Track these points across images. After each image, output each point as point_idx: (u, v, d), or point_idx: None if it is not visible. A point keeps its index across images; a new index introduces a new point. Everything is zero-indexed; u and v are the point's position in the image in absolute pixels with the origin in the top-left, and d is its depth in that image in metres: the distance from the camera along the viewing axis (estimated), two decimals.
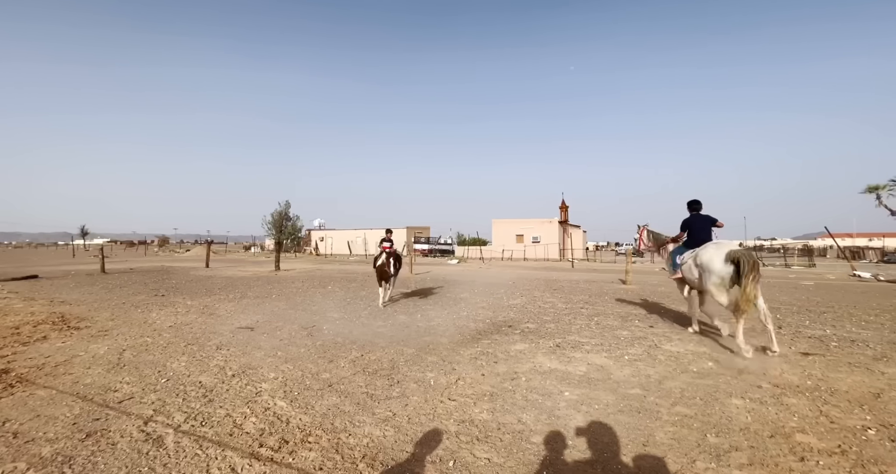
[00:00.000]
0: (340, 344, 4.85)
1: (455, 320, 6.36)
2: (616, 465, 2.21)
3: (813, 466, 2.18)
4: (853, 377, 3.56)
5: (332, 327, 5.80)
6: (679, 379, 3.56)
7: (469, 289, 10.90)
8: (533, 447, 2.40)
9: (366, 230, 47.29)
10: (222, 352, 4.48)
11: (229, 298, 8.69)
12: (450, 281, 13.43)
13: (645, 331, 5.50)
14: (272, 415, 2.84)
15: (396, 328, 5.77)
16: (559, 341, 4.98)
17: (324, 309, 7.42)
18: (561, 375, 3.71)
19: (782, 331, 5.44)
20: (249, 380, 3.55)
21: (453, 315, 6.84)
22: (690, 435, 2.54)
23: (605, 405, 3.02)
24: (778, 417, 2.78)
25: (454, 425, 2.69)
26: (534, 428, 2.65)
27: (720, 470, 2.14)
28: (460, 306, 7.77)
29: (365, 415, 2.84)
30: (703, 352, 4.45)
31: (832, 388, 3.29)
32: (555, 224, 37.69)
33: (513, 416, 2.82)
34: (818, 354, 4.28)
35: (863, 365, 3.88)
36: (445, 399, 3.13)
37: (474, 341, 5.01)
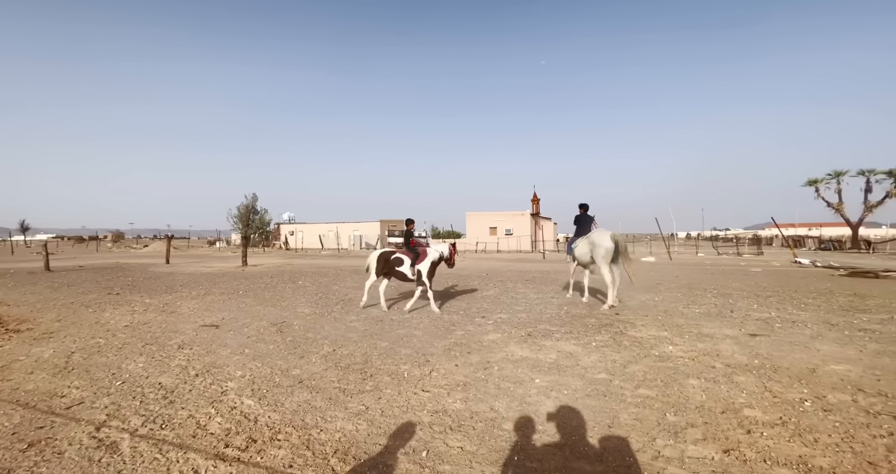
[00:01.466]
0: (312, 339, 4.74)
1: (429, 312, 6.37)
2: (583, 447, 2.30)
3: (758, 437, 2.36)
4: (793, 355, 3.88)
5: (303, 323, 5.66)
6: (642, 363, 3.74)
7: (443, 282, 10.94)
8: (505, 433, 2.46)
9: (338, 223, 46.30)
10: (184, 351, 4.27)
11: (192, 295, 8.28)
12: None
13: (611, 318, 5.74)
14: (239, 414, 2.74)
15: (370, 322, 5.71)
16: (531, 330, 5.10)
17: (294, 304, 7.22)
18: (532, 363, 3.81)
19: (734, 314, 5.84)
20: (214, 379, 3.41)
21: (427, 307, 6.84)
22: (651, 415, 2.68)
23: (574, 390, 3.13)
24: (729, 394, 2.98)
25: (427, 416, 2.70)
26: (506, 415, 2.71)
27: (677, 447, 2.27)
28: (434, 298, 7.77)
29: (337, 410, 2.80)
30: (664, 336, 4.69)
31: (776, 366, 3.57)
32: (527, 217, 38.41)
33: (485, 405, 2.87)
34: (764, 335, 4.63)
35: (801, 344, 4.23)
36: (419, 390, 3.14)
37: (448, 332, 5.04)
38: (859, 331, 4.73)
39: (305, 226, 48.93)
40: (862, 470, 2.00)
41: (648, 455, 2.20)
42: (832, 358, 3.75)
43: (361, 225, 46.04)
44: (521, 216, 38.72)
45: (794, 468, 2.04)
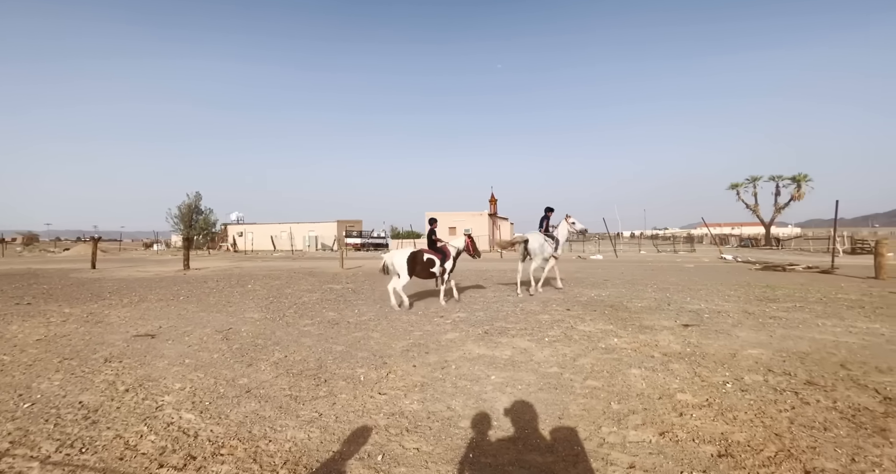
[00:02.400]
0: (261, 346, 4.50)
1: (387, 314, 6.29)
2: (535, 439, 2.39)
3: (688, 419, 2.59)
4: (718, 342, 4.31)
5: (252, 329, 5.35)
6: (590, 356, 3.96)
7: None
8: (461, 431, 2.49)
9: (292, 224, 44.30)
10: (112, 365, 3.86)
11: (124, 303, 7.51)
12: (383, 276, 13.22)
13: (563, 314, 6.02)
14: (176, 430, 2.53)
15: (324, 326, 5.52)
16: (487, 328, 5.22)
17: (242, 309, 6.81)
18: (489, 360, 3.89)
19: (670, 307, 6.37)
20: (148, 394, 3.12)
21: (385, 308, 6.76)
22: (598, 404, 2.85)
23: (528, 385, 3.25)
24: (665, 381, 3.25)
25: (384, 419, 2.67)
26: (462, 413, 2.75)
27: (620, 433, 2.44)
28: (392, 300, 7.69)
29: (288, 419, 2.68)
30: (610, 329, 5.01)
31: (704, 353, 3.94)
32: (485, 216, 39.21)
33: (442, 404, 2.89)
34: (695, 325, 5.10)
35: (725, 332, 4.71)
36: (375, 393, 3.09)
37: (406, 333, 5.01)
38: (770, 319, 5.36)
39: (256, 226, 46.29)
40: (770, 441, 2.27)
41: (595, 442, 2.34)
42: (749, 344, 4.21)
43: (317, 225, 44.42)
44: (479, 216, 39.44)
45: (717, 444, 2.27)
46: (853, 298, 6.89)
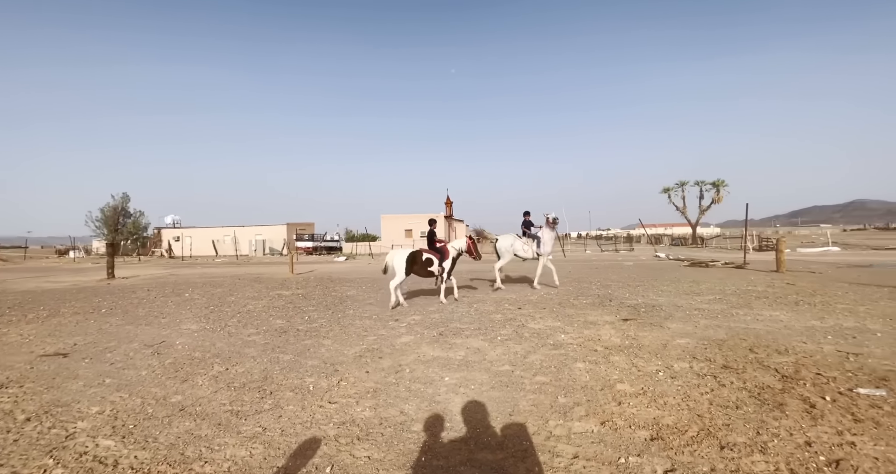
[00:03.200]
0: (199, 359, 4.15)
1: (339, 319, 6.10)
2: (487, 438, 2.44)
3: (626, 407, 2.79)
4: (652, 334, 4.70)
5: (189, 341, 4.93)
6: (540, 352, 4.13)
7: (357, 286, 10.59)
8: (413, 435, 2.48)
9: (236, 227, 41.52)
10: (9, 391, 3.35)
11: (28, 318, 6.57)
12: (336, 279, 12.81)
13: (514, 312, 6.22)
14: (91, 460, 2.25)
15: (271, 334, 5.23)
16: (442, 329, 5.25)
17: (178, 320, 6.24)
18: (443, 362, 3.92)
19: (612, 303, 6.83)
20: (56, 422, 2.75)
21: (338, 314, 6.55)
22: (546, 399, 2.98)
23: (480, 384, 3.31)
24: (606, 373, 3.48)
25: (334, 428, 2.58)
26: (415, 417, 2.73)
27: (566, 425, 2.57)
28: (346, 305, 7.48)
29: (228, 437, 2.49)
30: (558, 326, 5.26)
31: (640, 344, 4.28)
32: (440, 218, 39.47)
33: (395, 409, 2.86)
34: (633, 319, 5.52)
35: (658, 324, 5.15)
36: (325, 403, 2.98)
37: (359, 339, 4.89)
38: (695, 311, 5.95)
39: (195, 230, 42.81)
40: (693, 422, 2.52)
41: (542, 436, 2.44)
42: (678, 334, 4.64)
43: (265, 228, 41.99)
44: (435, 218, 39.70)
45: (650, 429, 2.47)
46: (760, 290, 7.86)
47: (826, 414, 2.54)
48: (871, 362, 3.48)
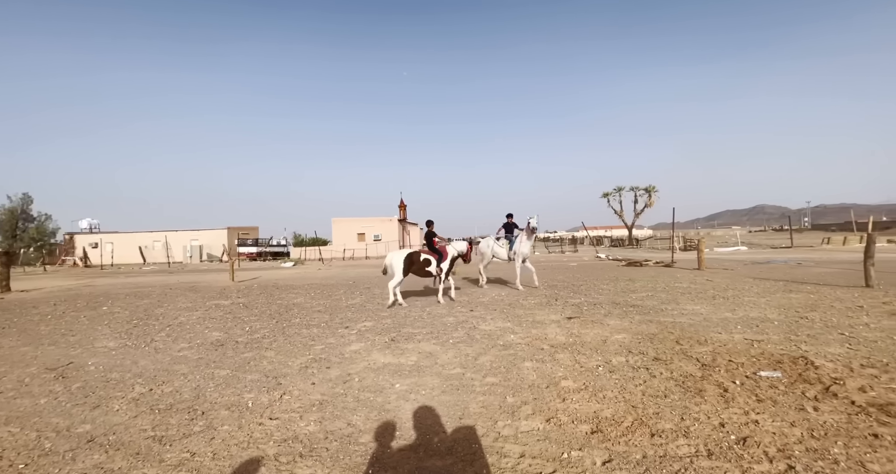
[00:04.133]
0: (117, 381, 3.70)
1: (285, 328, 5.78)
2: (437, 443, 2.43)
3: (570, 403, 2.93)
4: (594, 331, 5.00)
5: (105, 360, 4.38)
6: (490, 354, 4.21)
7: (304, 292, 10.11)
8: (361, 448, 2.40)
9: (168, 232, 37.90)
10: None
11: None
12: (282, 286, 12.14)
13: (466, 315, 6.30)
14: None
15: (206, 348, 4.81)
16: (394, 335, 5.17)
17: (91, 338, 5.52)
18: (394, 368, 3.85)
19: (557, 302, 7.17)
20: None
21: (283, 323, 6.20)
22: (495, 400, 3.04)
23: (431, 389, 3.30)
24: (552, 371, 3.63)
25: (274, 447, 2.42)
26: (363, 427, 2.65)
27: (513, 425, 2.63)
28: (292, 313, 7.11)
29: (147, 467, 2.23)
30: (508, 326, 5.41)
31: (583, 341, 4.53)
32: (394, 222, 39.05)
33: (342, 421, 2.75)
34: (577, 317, 5.83)
35: (598, 322, 5.50)
36: (266, 419, 2.79)
37: (306, 349, 4.66)
38: (631, 307, 6.44)
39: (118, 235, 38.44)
40: (628, 413, 2.71)
41: (491, 438, 2.48)
42: (616, 330, 4.98)
43: (203, 233, 38.79)
44: (388, 221, 39.10)
45: (591, 422, 2.61)
46: (684, 286, 8.71)
47: (736, 397, 2.86)
48: (769, 348, 3.99)
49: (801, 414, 2.56)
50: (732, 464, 2.06)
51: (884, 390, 2.87)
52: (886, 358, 3.55)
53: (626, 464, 2.11)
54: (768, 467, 2.02)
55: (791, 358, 3.66)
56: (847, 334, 4.38)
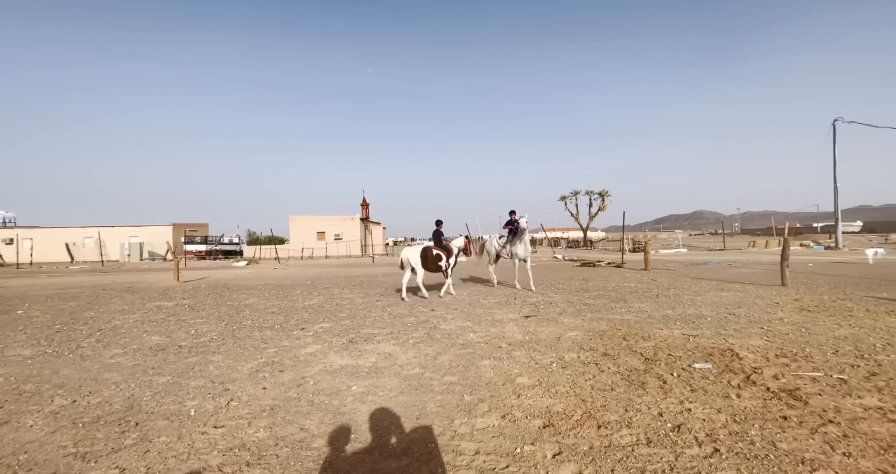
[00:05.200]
0: (32, 393, 3.31)
1: (235, 331, 5.46)
2: (392, 445, 2.41)
3: (524, 399, 3.03)
4: (549, 328, 5.21)
5: (17, 371, 3.90)
6: (449, 353, 4.25)
7: (258, 293, 9.62)
8: (313, 453, 2.32)
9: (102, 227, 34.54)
10: None
11: None
12: (234, 286, 11.47)
13: (427, 315, 6.31)
14: None
15: (144, 354, 4.43)
16: (353, 336, 5.06)
17: (0, 346, 4.89)
18: (351, 370, 3.77)
19: (516, 301, 7.38)
20: None
21: (233, 325, 5.86)
22: (453, 399, 3.07)
23: (389, 390, 3.27)
24: (508, 368, 3.73)
25: (218, 457, 2.28)
26: (317, 432, 2.57)
27: (470, 422, 2.67)
28: (244, 315, 6.74)
29: None
30: (468, 325, 5.49)
31: (538, 339, 4.70)
32: (356, 221, 38.19)
33: (294, 426, 2.65)
34: (533, 315, 6.04)
35: (553, 319, 5.73)
36: (210, 428, 2.62)
37: (258, 352, 4.44)
38: (584, 306, 6.77)
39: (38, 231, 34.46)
40: (578, 407, 2.85)
41: (447, 436, 2.50)
42: (569, 328, 5.22)
43: (144, 229, 35.74)
44: (350, 220, 38.17)
45: (543, 417, 2.71)
46: (632, 286, 9.30)
47: (673, 388, 3.11)
48: (703, 342, 4.37)
49: (727, 402, 2.83)
50: (667, 450, 2.23)
51: (793, 377, 3.25)
52: (796, 348, 4.02)
53: (575, 456, 2.22)
54: (697, 451, 2.21)
55: (720, 350, 4.03)
56: (765, 328, 4.89)
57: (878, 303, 6.36)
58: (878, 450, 2.16)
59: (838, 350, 3.94)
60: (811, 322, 5.14)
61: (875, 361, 3.57)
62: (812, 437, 2.30)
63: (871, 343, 4.14)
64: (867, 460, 2.07)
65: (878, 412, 2.60)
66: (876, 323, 5.01)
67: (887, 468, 2.00)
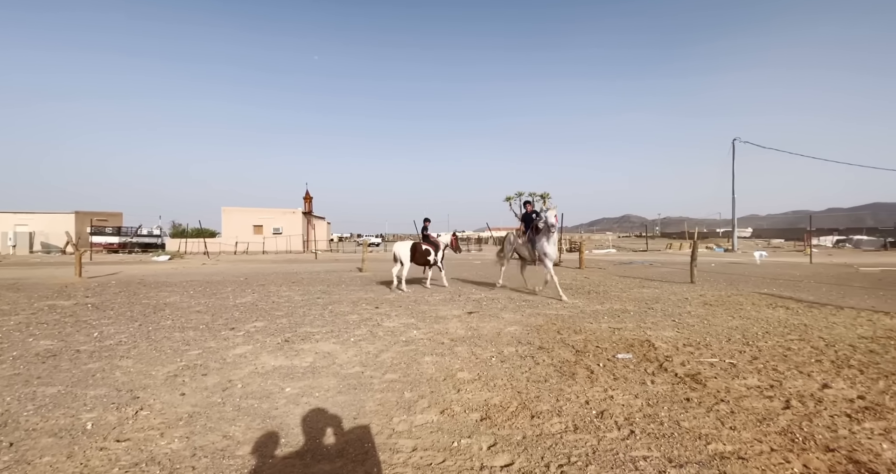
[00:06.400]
0: None
1: (150, 333, 4.88)
2: (326, 447, 2.31)
3: (464, 393, 3.08)
4: (490, 324, 5.37)
5: None
6: (392, 350, 4.19)
7: (182, 290, 8.72)
8: (237, 461, 2.15)
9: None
10: None
11: None
12: (152, 283, 10.28)
13: (371, 312, 6.17)
14: None
15: (27, 362, 3.79)
16: (289, 335, 4.78)
17: None
18: (285, 371, 3.56)
19: (461, 298, 7.50)
20: None
21: (149, 326, 5.24)
22: (393, 396, 3.03)
23: (326, 390, 3.13)
24: (450, 363, 3.77)
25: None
26: (242, 438, 2.38)
27: (408, 419, 2.66)
28: (163, 314, 6.06)
29: None
30: (412, 322, 5.46)
31: (480, 334, 4.82)
32: (298, 214, 36.23)
33: (217, 434, 2.43)
34: (476, 311, 6.19)
35: (495, 315, 5.92)
36: (110, 442, 2.30)
37: (177, 355, 4.01)
38: (523, 302, 7.09)
39: None
40: (514, 399, 2.97)
41: (385, 435, 2.46)
42: (509, 323, 5.42)
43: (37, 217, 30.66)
44: (291, 214, 36.09)
45: (481, 410, 2.78)
46: (568, 282, 9.94)
47: (599, 377, 3.37)
48: (626, 334, 4.80)
49: (643, 388, 3.13)
50: (591, 435, 2.41)
51: (696, 363, 3.69)
52: (699, 338, 4.57)
53: (509, 446, 2.30)
54: (616, 434, 2.42)
55: (639, 341, 4.45)
56: (677, 321, 5.51)
57: (761, 297, 7.48)
58: (755, 423, 2.53)
59: (731, 338, 4.55)
60: (711, 315, 5.89)
61: (757, 347, 4.18)
62: (707, 415, 2.63)
63: (755, 332, 4.84)
64: (747, 431, 2.41)
65: (756, 390, 3.05)
66: (759, 314, 5.88)
67: (761, 437, 2.35)
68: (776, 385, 3.14)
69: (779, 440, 2.32)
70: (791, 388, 3.07)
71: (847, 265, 15.92)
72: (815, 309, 6.29)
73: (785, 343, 4.33)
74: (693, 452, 2.20)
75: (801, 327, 5.06)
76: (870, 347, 4.15)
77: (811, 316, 5.76)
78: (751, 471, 2.02)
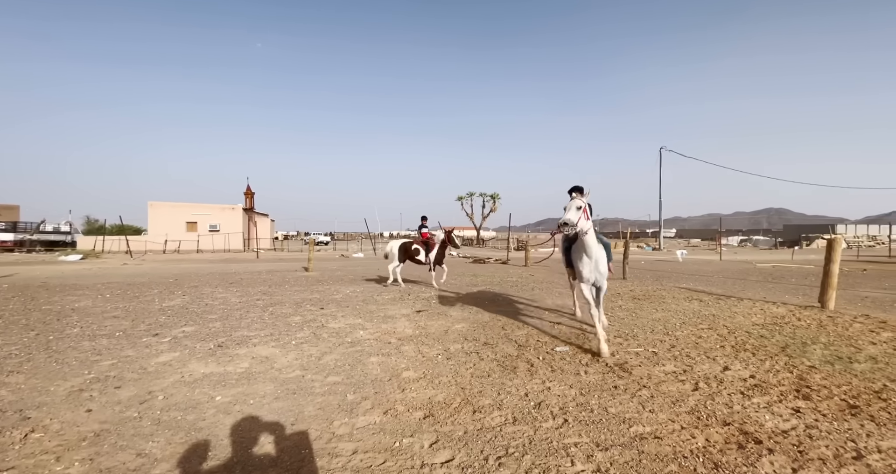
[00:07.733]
0: None
1: (50, 343, 4.27)
2: (259, 457, 2.18)
3: (409, 393, 3.08)
4: (438, 322, 5.41)
5: None
6: (336, 352, 4.06)
7: (95, 294, 7.73)
8: None
9: None
10: None
11: None
12: (58, 286, 9.00)
13: (315, 313, 5.93)
14: None
15: None
16: (223, 340, 4.44)
17: None
18: (217, 379, 3.30)
19: (410, 297, 7.48)
20: None
21: (49, 335, 4.58)
22: (335, 399, 2.94)
23: (262, 397, 2.96)
24: (396, 363, 3.74)
25: None
26: (161, 455, 2.17)
27: (350, 422, 2.59)
28: (68, 321, 5.32)
29: None
30: (359, 323, 5.34)
31: (428, 333, 4.84)
32: (238, 211, 33.77)
33: (129, 452, 2.18)
34: (425, 310, 6.20)
35: (443, 314, 5.98)
36: None
37: (84, 366, 3.54)
38: (471, 300, 7.24)
39: None
40: (457, 395, 3.02)
41: (324, 439, 2.38)
42: (455, 321, 5.51)
43: None
44: (230, 210, 33.54)
45: (424, 408, 2.80)
46: (514, 280, 10.33)
47: (539, 370, 3.54)
48: (564, 329, 5.10)
49: (577, 378, 3.35)
50: (529, 426, 2.53)
51: (624, 353, 4.02)
52: (627, 329, 4.99)
53: (450, 442, 2.34)
54: (552, 423, 2.56)
55: (576, 334, 4.76)
56: (609, 314, 5.95)
57: (680, 291, 8.35)
58: (670, 405, 2.82)
59: (654, 329, 5.02)
60: (639, 308, 6.46)
61: (675, 336, 4.67)
62: (631, 401, 2.89)
63: (674, 322, 5.40)
64: (663, 413, 2.69)
65: (672, 375, 3.40)
66: (678, 307, 6.56)
67: (674, 417, 2.63)
68: (688, 369, 3.53)
69: (687, 418, 2.61)
70: (699, 372, 3.47)
71: (747, 262, 18.30)
72: (721, 300, 7.15)
73: (697, 332, 4.88)
74: (618, 435, 2.40)
75: (711, 317, 5.73)
76: (761, 333, 4.82)
77: (718, 307, 6.54)
78: (664, 448, 2.25)
